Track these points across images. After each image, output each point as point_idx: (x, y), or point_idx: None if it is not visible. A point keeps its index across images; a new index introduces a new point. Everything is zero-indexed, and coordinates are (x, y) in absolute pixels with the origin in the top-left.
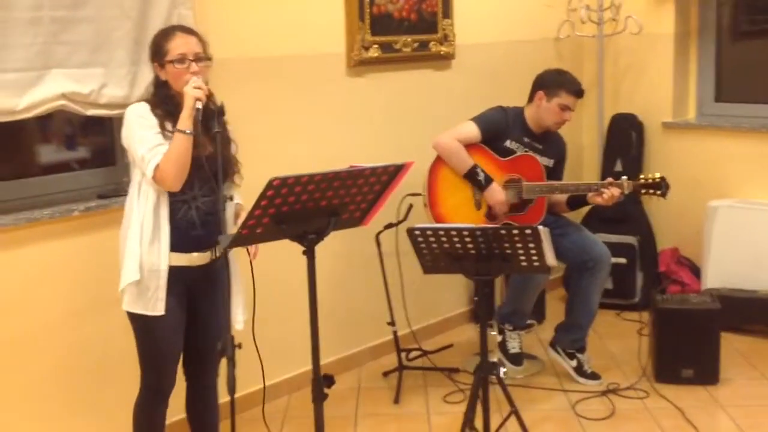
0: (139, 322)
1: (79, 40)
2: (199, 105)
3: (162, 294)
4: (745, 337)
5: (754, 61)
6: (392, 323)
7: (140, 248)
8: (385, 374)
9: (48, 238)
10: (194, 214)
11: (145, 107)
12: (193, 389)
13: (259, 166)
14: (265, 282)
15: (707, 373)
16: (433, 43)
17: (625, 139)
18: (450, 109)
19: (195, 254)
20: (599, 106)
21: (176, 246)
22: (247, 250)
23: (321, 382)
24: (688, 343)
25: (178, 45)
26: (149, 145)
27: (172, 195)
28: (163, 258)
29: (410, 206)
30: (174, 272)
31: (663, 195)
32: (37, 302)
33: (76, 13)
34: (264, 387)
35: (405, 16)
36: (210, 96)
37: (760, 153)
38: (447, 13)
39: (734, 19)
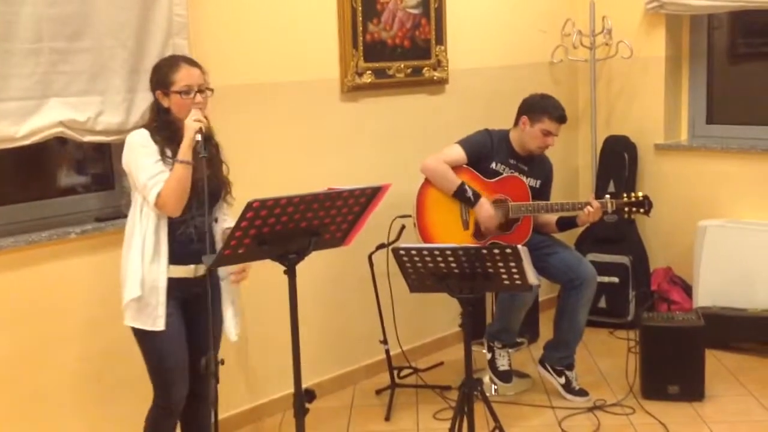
0: (142, 337)
1: (78, 70)
2: (199, 137)
3: (162, 311)
4: (734, 354)
5: (745, 84)
6: (385, 342)
7: (142, 266)
8: (378, 392)
9: (47, 259)
10: (192, 231)
11: (146, 134)
12: (189, 402)
13: (254, 190)
14: (262, 300)
15: (693, 390)
16: (426, 68)
17: (618, 161)
18: (444, 133)
19: (193, 266)
20: (593, 128)
21: (177, 259)
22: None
23: (302, 397)
24: (674, 360)
25: (184, 76)
26: (151, 173)
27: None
28: (162, 276)
29: (402, 227)
30: (174, 285)
31: (646, 213)
32: (38, 321)
33: (74, 44)
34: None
35: (398, 42)
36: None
37: (750, 173)
38: (440, 39)
39: (729, 42)
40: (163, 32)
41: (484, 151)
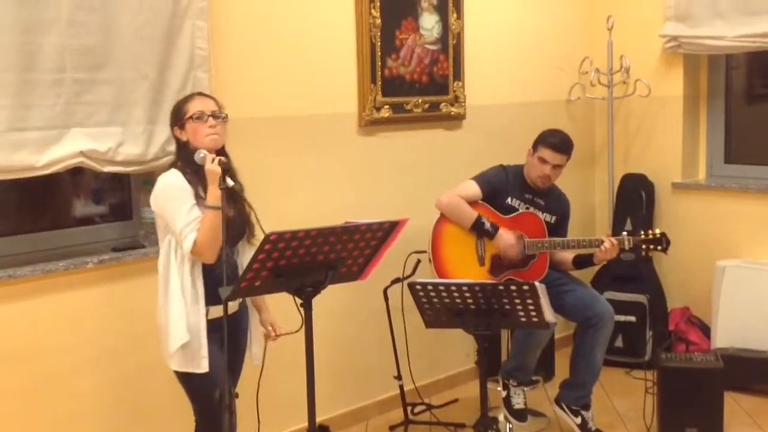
0: (189, 379)
1: (99, 101)
2: (231, 182)
3: (204, 352)
4: (752, 396)
5: (763, 124)
6: (399, 377)
7: (185, 310)
8: (392, 428)
9: (63, 289)
10: (226, 269)
11: (180, 177)
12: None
13: (272, 222)
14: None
15: None
16: (443, 104)
17: (635, 199)
18: (460, 168)
19: (229, 304)
20: (610, 166)
21: (214, 299)
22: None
23: None
24: (692, 401)
25: (196, 104)
26: (186, 220)
27: None
28: (202, 317)
29: (418, 261)
30: (213, 324)
31: (664, 250)
32: (53, 351)
33: (96, 75)
34: None
35: (416, 78)
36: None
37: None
38: (458, 75)
39: (747, 83)
40: (184, 65)
41: (500, 187)
